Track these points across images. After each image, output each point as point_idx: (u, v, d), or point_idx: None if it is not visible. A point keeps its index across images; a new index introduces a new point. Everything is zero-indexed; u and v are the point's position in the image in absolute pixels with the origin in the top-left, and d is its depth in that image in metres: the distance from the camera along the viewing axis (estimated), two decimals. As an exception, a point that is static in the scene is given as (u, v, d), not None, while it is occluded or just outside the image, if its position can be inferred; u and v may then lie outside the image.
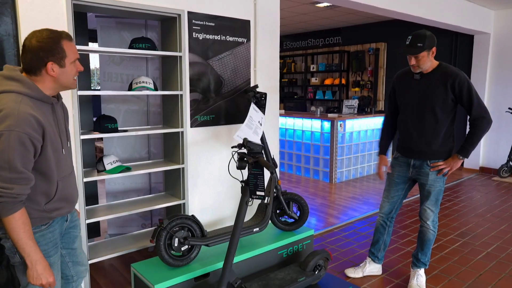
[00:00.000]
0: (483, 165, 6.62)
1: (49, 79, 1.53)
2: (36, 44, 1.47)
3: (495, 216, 4.38)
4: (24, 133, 1.40)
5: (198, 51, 2.79)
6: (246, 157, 2.11)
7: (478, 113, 2.43)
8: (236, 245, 2.18)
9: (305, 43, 9.11)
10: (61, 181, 1.62)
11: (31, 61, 1.49)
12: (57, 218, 1.68)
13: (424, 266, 2.79)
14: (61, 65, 1.52)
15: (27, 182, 1.46)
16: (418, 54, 2.43)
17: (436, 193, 2.61)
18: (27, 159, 1.44)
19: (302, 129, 6.29)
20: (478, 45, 6.44)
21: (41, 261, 1.52)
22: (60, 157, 1.61)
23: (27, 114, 1.42)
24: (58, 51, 1.50)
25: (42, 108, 1.52)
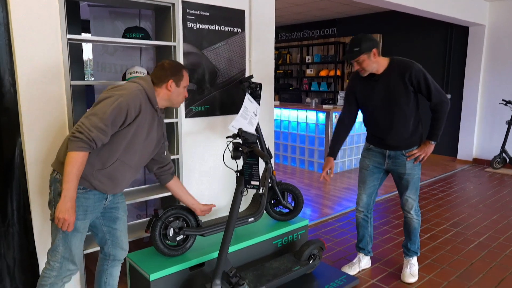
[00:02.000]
0: (476, 157, 6.68)
1: (165, 93, 1.96)
2: (167, 65, 1.97)
3: (487, 207, 4.44)
4: (127, 103, 1.77)
5: (193, 41, 2.77)
6: (241, 147, 2.11)
7: (438, 99, 2.47)
8: (231, 234, 2.19)
9: (301, 34, 9.08)
10: (120, 162, 1.86)
11: (159, 75, 1.95)
12: (95, 191, 1.86)
13: (416, 254, 2.82)
14: (177, 85, 1.97)
15: (104, 134, 1.74)
16: (357, 58, 2.41)
17: (415, 181, 2.65)
18: (115, 121, 1.75)
19: (297, 121, 6.29)
20: (473, 37, 6.46)
21: (72, 200, 1.70)
22: (135, 146, 1.88)
23: (137, 96, 1.82)
24: (179, 74, 1.98)
25: (149, 106, 1.90)
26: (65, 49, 2.18)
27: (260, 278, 2.45)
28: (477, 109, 6.54)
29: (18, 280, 2.18)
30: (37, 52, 2.11)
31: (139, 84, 1.88)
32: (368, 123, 2.70)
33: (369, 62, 2.42)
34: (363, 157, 2.79)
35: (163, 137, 2.09)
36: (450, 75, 6.82)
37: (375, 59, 2.44)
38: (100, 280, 2.14)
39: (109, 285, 2.16)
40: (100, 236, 2.06)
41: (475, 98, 6.51)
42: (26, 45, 2.08)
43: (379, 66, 2.48)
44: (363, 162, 2.78)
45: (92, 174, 1.81)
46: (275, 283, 2.44)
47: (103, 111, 1.73)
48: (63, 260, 1.83)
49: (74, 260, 1.87)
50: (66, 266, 1.85)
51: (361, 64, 2.43)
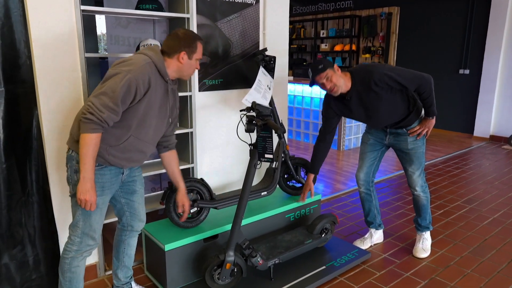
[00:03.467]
0: (493, 133, 6.54)
1: (176, 64, 1.88)
2: (181, 35, 1.86)
3: (503, 184, 4.38)
4: (135, 79, 1.71)
5: (206, 12, 2.72)
6: (255, 120, 2.10)
7: (414, 85, 2.38)
8: (245, 207, 2.21)
9: (315, 7, 8.85)
10: (134, 138, 1.85)
11: (171, 45, 1.86)
12: (111, 167, 1.87)
13: (427, 229, 2.82)
14: (190, 57, 1.88)
15: (116, 114, 1.71)
16: (325, 73, 2.35)
17: (418, 156, 2.61)
18: (124, 99, 1.71)
19: (311, 96, 6.22)
20: (496, 8, 6.19)
21: (91, 180, 1.72)
22: (147, 121, 1.85)
23: (145, 70, 1.75)
24: (193, 46, 1.87)
25: (158, 79, 1.83)
26: (79, 21, 2.17)
27: (272, 250, 2.48)
28: (496, 85, 6.36)
29: (38, 247, 2.26)
30: (51, 24, 2.11)
31: (148, 56, 1.81)
32: (322, 141, 2.72)
33: (337, 77, 2.39)
34: (365, 131, 2.81)
35: (175, 108, 2.05)
36: (470, 49, 6.60)
37: (340, 74, 2.41)
38: (119, 249, 2.20)
39: (127, 254, 2.21)
40: (118, 208, 2.10)
41: (495, 73, 6.31)
42: (40, 17, 2.07)
43: (346, 82, 2.43)
44: (365, 136, 2.80)
45: (106, 151, 1.81)
46: (287, 255, 2.48)
47: (112, 89, 1.69)
48: (83, 235, 1.87)
49: (94, 235, 1.90)
50: (86, 241, 1.88)
51: (331, 79, 2.37)
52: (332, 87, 2.40)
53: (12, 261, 2.20)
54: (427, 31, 7.06)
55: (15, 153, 2.14)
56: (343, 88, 2.43)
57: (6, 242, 2.17)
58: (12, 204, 2.16)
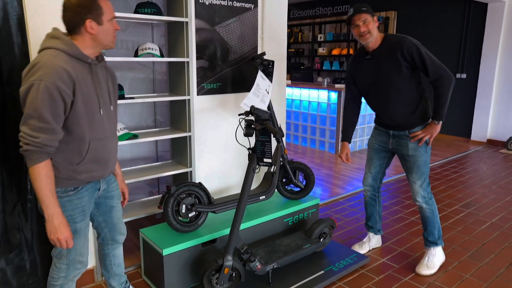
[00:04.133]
0: (490, 138, 6.57)
1: (89, 37, 1.56)
2: (74, 2, 1.52)
3: (501, 188, 4.39)
4: (54, 84, 1.43)
5: (205, 17, 2.72)
6: (254, 124, 2.10)
7: (436, 74, 2.32)
8: (243, 211, 2.20)
9: (313, 11, 8.89)
10: (94, 141, 1.63)
11: (70, 19, 1.54)
12: (87, 186, 1.70)
13: (435, 245, 2.64)
14: (99, 22, 1.55)
15: (53, 133, 1.48)
16: (365, 16, 2.32)
17: (420, 165, 2.49)
18: (55, 112, 1.46)
19: (309, 100, 6.23)
20: (492, 14, 6.24)
21: (58, 215, 1.54)
22: (95, 117, 1.62)
23: (58, 66, 1.46)
24: (96, 7, 1.53)
25: (78, 66, 1.55)
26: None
27: (271, 254, 2.48)
28: (493, 89, 6.39)
29: (35, 251, 2.24)
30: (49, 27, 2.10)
31: (54, 49, 1.51)
32: (368, 103, 2.65)
33: (373, 26, 2.35)
34: (371, 136, 2.76)
35: (115, 89, 1.80)
36: (467, 53, 6.64)
37: (376, 25, 2.38)
38: (105, 263, 2.10)
39: (115, 265, 2.12)
40: (96, 225, 1.96)
41: (492, 77, 6.35)
42: (39, 20, 2.07)
43: (377, 37, 2.40)
44: (370, 141, 2.76)
45: (75, 171, 1.61)
46: (285, 259, 2.47)
47: (34, 107, 1.43)
48: (69, 262, 1.75)
49: (82, 259, 1.78)
50: (74, 266, 1.77)
51: (367, 25, 2.34)
52: (365, 31, 2.34)
53: (9, 266, 2.19)
54: (424, 36, 7.09)
55: (12, 157, 2.13)
56: (372, 41, 2.38)
57: (3, 247, 2.15)
58: (9, 208, 2.14)
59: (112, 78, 1.78)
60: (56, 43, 1.52)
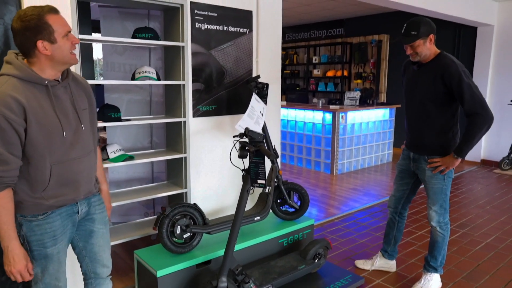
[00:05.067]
0: (484, 158, 6.64)
1: (44, 58, 1.46)
2: (21, 25, 1.41)
3: (495, 208, 4.41)
4: (0, 114, 1.37)
5: (201, 41, 2.80)
6: (248, 146, 2.13)
7: (470, 108, 2.26)
8: (237, 232, 2.21)
9: (308, 34, 9.08)
10: (57, 165, 1.53)
11: (21, 44, 1.44)
12: (60, 210, 1.60)
13: (435, 271, 2.62)
14: (51, 41, 1.44)
15: (5, 164, 1.41)
16: (412, 43, 2.34)
17: (435, 192, 2.48)
18: (6, 141, 1.40)
19: (304, 121, 6.30)
20: (482, 37, 6.42)
21: (12, 248, 1.47)
22: (56, 140, 1.51)
23: (5, 95, 1.38)
24: (44, 26, 1.42)
25: (33, 90, 1.45)
26: (77, 49, 2.22)
27: (266, 276, 2.47)
28: (485, 110, 6.49)
29: (29, 275, 2.22)
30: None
31: (5, 75, 1.44)
32: (405, 113, 2.66)
33: (423, 48, 2.35)
34: (400, 157, 2.75)
35: (86, 104, 1.67)
36: (458, 75, 6.78)
37: (430, 46, 2.36)
38: None
39: None
40: (77, 251, 1.80)
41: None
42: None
43: (430, 54, 2.40)
44: (398, 162, 2.76)
45: (42, 198, 1.54)
46: (280, 281, 2.46)
47: None
48: (45, 285, 1.64)
49: (58, 283, 1.66)
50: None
51: (415, 48, 2.35)
52: (412, 54, 2.38)
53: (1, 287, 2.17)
54: (417, 58, 7.24)
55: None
56: (423, 59, 2.40)
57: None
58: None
59: (86, 93, 1.67)
60: (8, 68, 1.45)
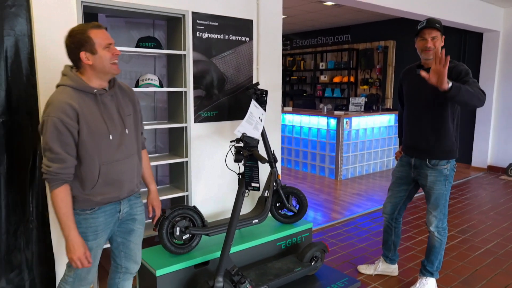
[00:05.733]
0: (491, 164, 6.60)
1: (89, 68, 1.69)
2: (69, 40, 1.67)
3: (499, 214, 4.41)
4: (57, 118, 1.60)
5: (202, 49, 2.91)
6: (242, 151, 2.22)
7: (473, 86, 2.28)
8: (233, 234, 2.29)
9: (315, 40, 9.16)
10: (105, 166, 1.73)
11: (69, 56, 1.69)
12: (104, 207, 1.78)
13: (431, 276, 2.65)
14: (92, 52, 1.66)
15: (62, 162, 1.63)
16: (435, 34, 2.38)
17: (437, 197, 2.52)
18: (64, 142, 1.62)
19: (309, 126, 6.37)
20: (487, 43, 6.41)
21: (72, 236, 1.67)
22: (103, 142, 1.71)
23: (63, 102, 1.62)
24: (86, 40, 1.65)
25: (84, 98, 1.68)
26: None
27: (262, 277, 2.54)
28: (491, 116, 6.48)
29: (35, 272, 2.34)
30: (56, 61, 2.28)
31: (62, 86, 1.68)
32: (404, 117, 2.70)
33: (439, 45, 2.40)
34: (395, 166, 2.79)
35: (132, 111, 1.87)
36: (465, 81, 6.77)
37: (441, 45, 2.42)
38: None
39: None
40: (114, 246, 1.98)
41: (490, 104, 6.45)
42: (46, 55, 2.25)
43: None
44: (394, 169, 2.79)
45: (91, 194, 1.73)
46: (276, 282, 2.53)
47: (45, 141, 1.63)
48: (76, 275, 1.83)
49: (87, 277, 1.85)
50: (79, 282, 1.85)
51: (435, 42, 2.39)
52: (431, 47, 2.39)
53: (9, 285, 2.29)
54: (423, 64, 7.26)
55: (17, 180, 2.27)
56: (433, 56, 2.33)
57: (4, 267, 2.26)
58: (12, 229, 2.27)
59: (131, 100, 1.87)
60: (64, 80, 1.69)
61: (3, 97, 2.18)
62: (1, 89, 2.17)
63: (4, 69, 2.16)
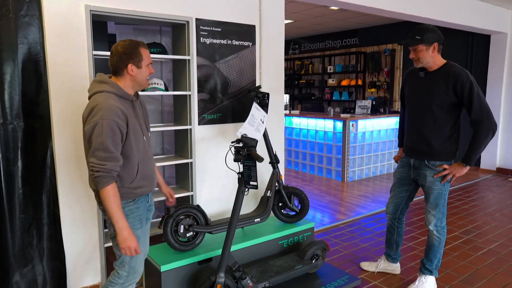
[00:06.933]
0: (500, 166, 6.56)
1: (129, 78, 1.89)
2: (121, 50, 1.85)
3: (504, 215, 4.40)
4: (113, 121, 1.76)
5: (206, 54, 3.02)
6: (241, 151, 2.31)
7: (476, 117, 2.35)
8: (234, 231, 2.38)
9: (323, 44, 9.23)
10: (141, 163, 1.94)
11: (116, 63, 1.86)
12: (141, 198, 1.99)
13: (430, 273, 2.69)
14: (138, 66, 1.88)
15: (116, 160, 1.80)
16: (415, 47, 2.44)
17: (436, 197, 2.56)
18: (116, 142, 1.79)
19: (316, 129, 6.43)
20: (495, 45, 6.40)
21: (126, 228, 1.82)
22: (140, 142, 1.93)
23: (114, 106, 1.78)
24: (137, 54, 1.86)
25: (124, 103, 1.87)
26: (91, 64, 2.48)
27: (263, 274, 2.62)
28: (500, 118, 6.45)
29: (46, 267, 2.47)
30: (67, 67, 2.42)
31: (105, 92, 1.83)
32: (405, 122, 2.74)
33: (425, 54, 2.43)
34: (398, 165, 2.83)
35: (147, 118, 2.11)
36: (473, 83, 6.75)
37: (433, 54, 2.44)
38: None
39: None
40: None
41: (498, 106, 6.42)
42: (58, 61, 2.39)
43: (434, 63, 2.48)
44: (395, 171, 2.83)
45: (131, 188, 1.92)
46: (277, 279, 2.61)
47: (100, 141, 1.75)
48: (130, 269, 1.98)
49: (139, 269, 2.02)
50: (132, 275, 2.00)
51: (417, 53, 2.45)
52: (414, 58, 2.48)
53: (23, 279, 2.42)
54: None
55: (31, 180, 2.40)
56: (427, 66, 2.49)
57: (18, 261, 2.39)
58: (25, 226, 2.40)
59: (145, 112, 2.10)
60: (105, 87, 1.84)
61: (17, 102, 2.32)
62: (16, 93, 2.31)
63: (18, 75, 2.30)
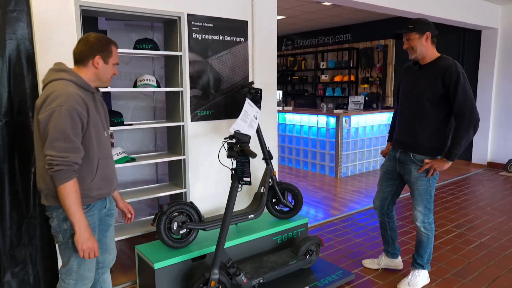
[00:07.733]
0: (491, 160, 6.63)
1: (92, 71, 1.79)
2: (92, 40, 1.77)
3: (495, 209, 4.45)
4: (72, 108, 1.63)
5: (198, 50, 3.00)
6: (234, 147, 2.30)
7: (459, 109, 2.35)
8: (228, 227, 2.38)
9: (315, 40, 9.23)
10: (101, 160, 1.81)
11: (83, 51, 1.77)
12: (97, 204, 1.85)
13: (421, 268, 2.71)
14: (105, 61, 1.80)
15: (79, 151, 1.67)
16: (408, 35, 2.44)
17: (421, 193, 2.55)
18: (76, 132, 1.65)
19: (309, 125, 6.44)
20: (486, 41, 6.45)
21: (87, 228, 1.70)
22: (101, 137, 1.81)
23: (74, 93, 1.67)
24: (107, 49, 1.79)
25: (86, 95, 1.75)
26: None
27: (257, 269, 2.62)
28: (491, 113, 6.51)
29: (39, 266, 2.44)
30: (56, 63, 2.39)
31: (65, 79, 1.71)
32: (398, 113, 2.74)
33: (418, 43, 2.43)
34: (385, 159, 2.84)
35: (107, 116, 1.98)
36: (464, 79, 6.81)
37: (426, 43, 2.44)
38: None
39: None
40: None
41: (489, 101, 6.48)
42: (47, 56, 2.36)
43: (426, 55, 2.47)
44: (382, 164, 2.84)
45: (89, 189, 1.77)
46: (271, 275, 2.61)
47: (59, 130, 1.61)
48: (78, 277, 1.84)
49: (89, 275, 1.87)
50: (82, 282, 1.86)
51: (410, 42, 2.45)
52: (408, 48, 2.48)
53: (14, 279, 2.39)
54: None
55: (21, 178, 2.37)
56: (420, 57, 2.47)
57: (9, 261, 2.36)
58: (16, 225, 2.37)
59: (105, 110, 1.97)
60: (64, 75, 1.72)
61: (6, 99, 2.28)
62: (4, 91, 2.27)
63: (6, 72, 2.26)
